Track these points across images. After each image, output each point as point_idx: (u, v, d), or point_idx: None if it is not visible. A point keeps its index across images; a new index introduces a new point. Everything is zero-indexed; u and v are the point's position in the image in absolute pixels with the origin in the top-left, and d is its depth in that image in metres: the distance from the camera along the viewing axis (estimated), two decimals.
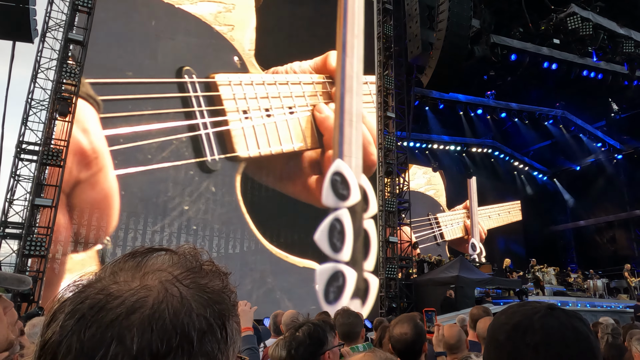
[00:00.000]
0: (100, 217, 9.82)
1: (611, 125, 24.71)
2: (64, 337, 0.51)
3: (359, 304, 11.50)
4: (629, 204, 24.23)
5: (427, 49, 15.60)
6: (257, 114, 11.64)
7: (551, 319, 0.81)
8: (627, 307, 13.96)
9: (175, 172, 10.60)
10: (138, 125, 10.40)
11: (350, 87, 12.86)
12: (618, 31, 16.80)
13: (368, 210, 12.28)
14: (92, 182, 9.75)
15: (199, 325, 0.54)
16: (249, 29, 12.18)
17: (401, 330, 2.37)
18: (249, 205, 11.32)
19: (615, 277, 19.37)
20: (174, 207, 10.53)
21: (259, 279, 11.08)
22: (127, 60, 10.75)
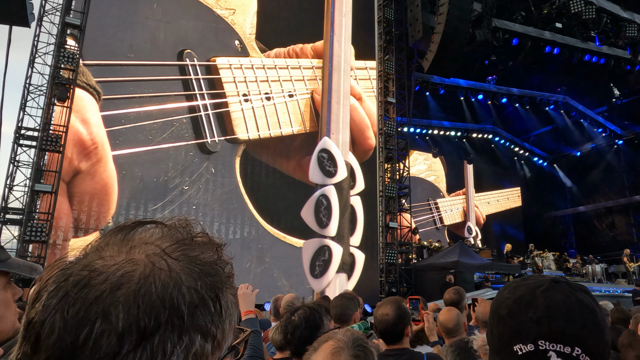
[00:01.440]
0: (99, 205, 9.91)
1: (612, 111, 24.60)
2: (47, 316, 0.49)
3: (345, 278, 11.71)
4: (628, 190, 24.23)
5: (428, 33, 15.44)
6: (257, 97, 11.76)
7: (554, 292, 0.79)
8: (626, 291, 14.05)
9: (175, 152, 10.77)
10: (139, 107, 10.51)
11: (338, 65, 12.88)
12: (621, 15, 16.61)
13: (355, 187, 12.43)
14: (91, 172, 9.86)
15: (190, 298, 0.52)
16: (250, 13, 12.24)
17: (383, 311, 2.37)
18: (247, 186, 11.50)
19: (614, 262, 19.45)
20: (174, 187, 10.66)
21: (257, 258, 11.26)
22: (128, 43, 10.83)
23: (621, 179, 24.62)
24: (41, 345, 0.49)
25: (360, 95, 13.69)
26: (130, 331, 0.48)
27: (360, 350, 1.44)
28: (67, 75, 10.41)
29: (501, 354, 0.79)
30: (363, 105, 13.62)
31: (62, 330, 0.48)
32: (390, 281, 13.88)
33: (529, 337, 0.76)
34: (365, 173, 14.02)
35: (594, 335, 0.76)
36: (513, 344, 0.77)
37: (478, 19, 15.94)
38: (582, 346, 0.74)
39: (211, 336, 0.54)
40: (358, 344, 1.45)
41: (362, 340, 1.49)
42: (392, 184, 14.68)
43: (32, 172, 10.07)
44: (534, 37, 16.69)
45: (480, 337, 1.05)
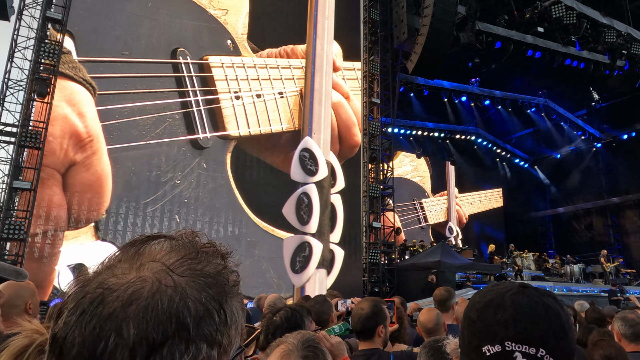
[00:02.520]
0: (94, 197, 10.05)
1: (591, 114, 25.12)
2: (67, 332, 0.54)
3: (325, 273, 12.04)
4: (606, 192, 24.78)
5: (412, 35, 15.56)
6: (247, 95, 12.08)
7: (522, 297, 0.83)
8: (602, 291, 14.39)
9: (168, 148, 11.02)
10: (133, 102, 10.72)
11: (320, 66, 13.17)
12: (601, 20, 16.96)
13: (335, 186, 12.78)
14: (86, 164, 10.00)
15: (195, 311, 0.56)
16: (242, 13, 12.52)
17: (360, 306, 2.41)
18: (238, 181, 11.77)
19: (591, 263, 19.88)
20: (167, 181, 10.88)
21: (246, 250, 11.54)
22: (123, 41, 11.03)
23: (599, 182, 25.16)
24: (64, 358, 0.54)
25: (348, 93, 13.92)
26: (141, 344, 0.52)
27: (310, 351, 1.51)
28: (48, 69, 10.24)
29: (471, 356, 0.83)
30: (350, 104, 13.88)
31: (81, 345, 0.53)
32: (373, 281, 13.97)
33: (497, 338, 0.79)
34: (349, 173, 14.12)
35: (558, 337, 0.79)
36: (482, 345, 0.81)
37: (462, 22, 16.11)
38: (546, 347, 0.77)
39: (217, 344, 0.58)
40: (308, 345, 1.52)
41: (312, 342, 1.55)
42: (376, 184, 14.77)
43: (11, 168, 9.88)
44: (517, 41, 16.94)
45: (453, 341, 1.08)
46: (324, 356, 1.53)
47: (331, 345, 2.14)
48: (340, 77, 13.93)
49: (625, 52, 17.83)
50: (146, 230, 10.57)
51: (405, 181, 22.39)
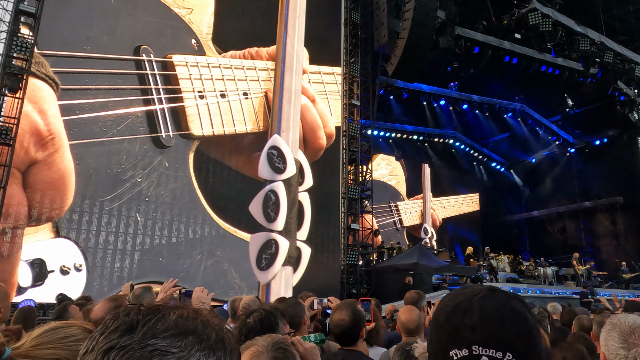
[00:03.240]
0: (57, 194, 9.82)
1: (566, 120, 25.73)
2: None
3: (291, 271, 12.03)
4: (579, 196, 25.39)
5: (393, 38, 15.68)
6: (212, 95, 11.97)
7: (490, 300, 0.82)
8: (574, 293, 14.72)
9: (129, 145, 10.80)
10: (95, 99, 10.50)
11: (290, 65, 13.16)
12: (575, 29, 17.38)
13: (303, 184, 12.78)
14: (48, 162, 9.78)
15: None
16: (207, 13, 12.43)
17: (339, 316, 2.41)
18: (200, 181, 11.63)
19: (564, 265, 20.32)
20: (128, 179, 10.66)
21: (208, 251, 11.40)
22: (85, 35, 10.74)
23: (572, 186, 25.76)
24: None
25: (314, 97, 13.92)
26: None
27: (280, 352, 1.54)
28: (20, 65, 9.95)
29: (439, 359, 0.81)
30: (316, 107, 13.86)
31: None
32: (351, 282, 13.99)
33: (464, 342, 0.78)
34: (327, 174, 14.12)
35: (526, 342, 0.78)
36: (449, 349, 0.79)
37: (442, 26, 16.32)
38: (513, 352, 0.76)
39: None
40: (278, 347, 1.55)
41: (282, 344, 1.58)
42: (355, 186, 14.81)
43: None
44: (494, 46, 17.25)
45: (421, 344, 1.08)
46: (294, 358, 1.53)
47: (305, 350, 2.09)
48: (307, 80, 13.92)
49: (599, 60, 18.32)
50: (103, 227, 10.29)
51: (381, 184, 22.54)
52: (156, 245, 10.87)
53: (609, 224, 24.09)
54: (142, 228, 10.73)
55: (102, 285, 10.07)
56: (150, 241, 10.82)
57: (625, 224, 23.36)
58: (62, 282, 9.53)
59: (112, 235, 10.36)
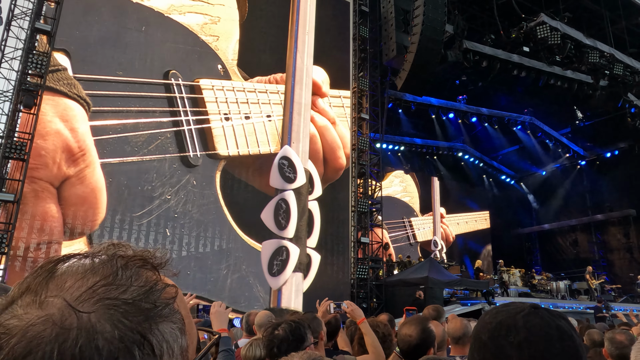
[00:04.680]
0: (89, 209, 10.21)
1: (576, 132, 25.58)
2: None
3: (301, 277, 12.33)
4: (590, 209, 25.12)
5: (401, 52, 15.77)
6: (237, 117, 12.49)
7: (535, 318, 0.81)
8: (588, 308, 14.48)
9: (159, 164, 11.29)
10: (127, 120, 11.05)
11: (300, 79, 13.62)
12: (584, 41, 17.37)
13: (313, 193, 13.13)
14: (80, 177, 10.21)
15: (108, 351, 0.46)
16: (232, 40, 13.01)
17: (407, 331, 2.36)
18: (226, 199, 12.00)
19: (576, 279, 20.04)
20: (157, 196, 11.11)
21: (234, 265, 11.74)
22: (118, 61, 11.36)
23: (583, 199, 25.52)
24: None
25: (334, 119, 14.37)
26: None
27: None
28: (35, 82, 10.13)
29: None
30: (336, 129, 14.31)
31: None
32: (361, 296, 13.88)
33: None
34: (337, 188, 14.17)
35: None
36: None
37: (450, 40, 16.40)
38: None
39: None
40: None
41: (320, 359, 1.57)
42: (364, 199, 14.78)
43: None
44: (503, 60, 17.28)
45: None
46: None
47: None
48: (327, 103, 14.33)
49: (608, 73, 18.26)
50: (134, 242, 10.54)
51: (395, 200, 23.00)
52: (184, 260, 11.22)
53: (622, 237, 23.78)
54: (170, 243, 11.10)
55: None
56: (178, 255, 11.17)
57: (639, 237, 23.04)
58: None
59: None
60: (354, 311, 3.04)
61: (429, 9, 14.62)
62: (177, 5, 12.33)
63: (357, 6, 15.92)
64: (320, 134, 13.75)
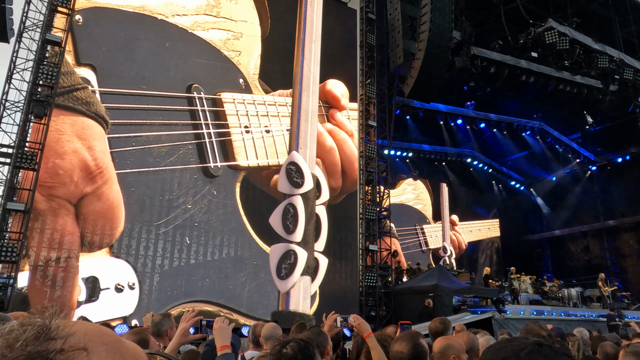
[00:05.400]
0: (106, 224, 10.46)
1: (586, 137, 25.35)
2: None
3: (309, 280, 12.53)
4: (602, 215, 24.83)
5: (408, 59, 15.76)
6: (257, 129, 12.81)
7: (538, 355, 0.79)
8: (600, 316, 14.27)
9: (180, 174, 11.56)
10: (149, 132, 11.36)
11: (307, 86, 13.86)
12: (593, 46, 17.24)
13: (320, 197, 13.35)
14: (98, 194, 10.48)
15: None
16: (254, 55, 13.35)
17: (399, 348, 2.33)
18: (246, 208, 12.24)
19: (588, 286, 19.77)
20: (178, 205, 11.37)
21: (252, 273, 11.93)
22: (142, 75, 11.66)
23: (595, 204, 25.22)
24: None
25: (352, 132, 14.67)
26: None
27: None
28: (46, 92, 10.26)
29: None
30: (353, 141, 14.59)
31: None
32: (370, 304, 13.81)
33: None
34: (346, 195, 14.20)
35: None
36: None
37: (457, 47, 16.37)
38: None
39: None
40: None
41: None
42: (373, 206, 14.74)
43: (5, 189, 9.79)
44: (511, 65, 17.19)
45: None
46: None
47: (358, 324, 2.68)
48: (346, 116, 14.62)
49: (618, 77, 18.10)
50: (156, 249, 10.86)
51: (407, 207, 23.29)
52: (204, 267, 11.39)
53: (634, 243, 23.45)
54: (191, 251, 11.30)
55: (153, 303, 10.47)
56: (197, 263, 11.34)
57: None
58: (116, 299, 10.08)
59: (164, 258, 10.93)
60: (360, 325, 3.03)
61: (435, 16, 14.61)
62: (200, 22, 12.68)
63: (364, 14, 15.96)
64: (339, 147, 14.06)
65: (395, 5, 16.63)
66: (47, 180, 9.97)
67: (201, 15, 12.71)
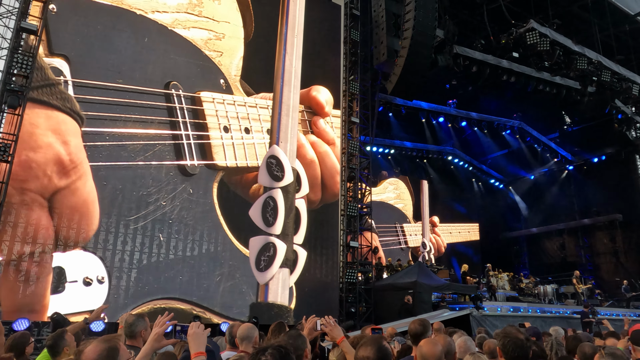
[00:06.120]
0: (82, 219, 10.22)
1: (564, 137, 25.84)
2: None
3: (288, 272, 12.53)
4: (577, 213, 25.37)
5: (392, 56, 15.80)
6: (237, 129, 12.59)
7: None
8: (575, 312, 14.58)
9: (156, 171, 11.25)
10: (125, 128, 11.01)
11: (288, 80, 13.80)
12: (573, 48, 17.54)
13: (300, 191, 13.35)
14: (72, 188, 10.24)
15: None
16: (236, 57, 13.12)
17: (364, 353, 2.31)
18: (223, 208, 12.00)
19: (564, 283, 20.20)
20: (152, 202, 11.07)
21: (228, 273, 11.74)
22: (118, 69, 11.26)
23: (571, 203, 25.76)
24: None
25: (334, 140, 14.49)
26: None
27: None
28: (20, 82, 9.96)
29: None
30: (335, 150, 14.45)
31: None
32: (350, 300, 13.85)
33: None
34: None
35: None
36: None
37: (440, 45, 16.45)
38: None
39: None
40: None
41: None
42: (354, 203, 14.76)
43: None
44: (493, 65, 17.37)
45: None
46: None
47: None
48: (328, 123, 14.47)
49: (596, 79, 18.47)
50: (127, 244, 10.57)
51: (388, 206, 23.41)
52: (178, 265, 11.12)
53: (608, 242, 24.04)
54: (164, 248, 11.01)
55: (122, 298, 10.25)
56: (171, 260, 11.08)
57: (625, 242, 23.32)
58: (84, 292, 9.81)
59: (137, 253, 10.65)
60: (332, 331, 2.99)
61: (419, 14, 14.65)
62: (181, 20, 12.36)
63: (349, 9, 15.91)
64: (320, 160, 13.95)
65: (379, 2, 16.63)
66: (19, 174, 9.71)
67: (182, 13, 12.41)
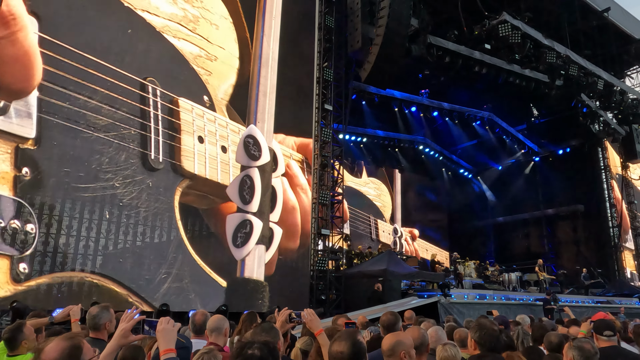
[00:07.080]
0: (22, 70, 9.56)
1: (531, 129, 26.46)
2: None
3: (264, 249, 12.63)
4: (542, 204, 26.14)
5: (366, 44, 15.71)
6: (212, 145, 12.09)
7: None
8: (537, 300, 15.06)
9: (115, 151, 10.41)
10: (90, 99, 10.09)
11: (266, 61, 13.79)
12: (543, 42, 17.86)
13: (277, 170, 13.49)
14: (12, 39, 9.61)
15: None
16: (226, 83, 12.71)
17: (338, 348, 2.26)
18: (182, 213, 11.34)
19: (527, 271, 20.85)
20: (105, 180, 10.21)
21: (176, 276, 11.03)
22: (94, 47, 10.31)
23: (536, 193, 26.51)
24: None
25: (306, 187, 14.25)
26: None
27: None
28: None
29: None
30: (307, 196, 14.21)
31: None
32: (321, 288, 13.89)
33: None
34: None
35: None
36: None
37: (414, 34, 16.45)
38: None
39: None
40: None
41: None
42: (326, 191, 14.74)
43: None
44: (465, 56, 17.51)
45: None
46: None
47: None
48: (297, 162, 14.23)
49: (564, 73, 18.90)
50: (68, 208, 9.62)
51: (367, 198, 23.93)
52: (119, 247, 10.29)
53: (570, 231, 24.91)
54: (109, 226, 10.13)
55: (55, 265, 9.35)
56: (114, 241, 10.23)
57: (585, 232, 24.20)
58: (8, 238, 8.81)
59: (75, 220, 9.69)
60: (312, 322, 2.96)
61: (395, 2, 14.59)
62: (172, 28, 11.60)
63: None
64: (302, 209, 13.85)
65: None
66: None
67: (174, 23, 11.66)
